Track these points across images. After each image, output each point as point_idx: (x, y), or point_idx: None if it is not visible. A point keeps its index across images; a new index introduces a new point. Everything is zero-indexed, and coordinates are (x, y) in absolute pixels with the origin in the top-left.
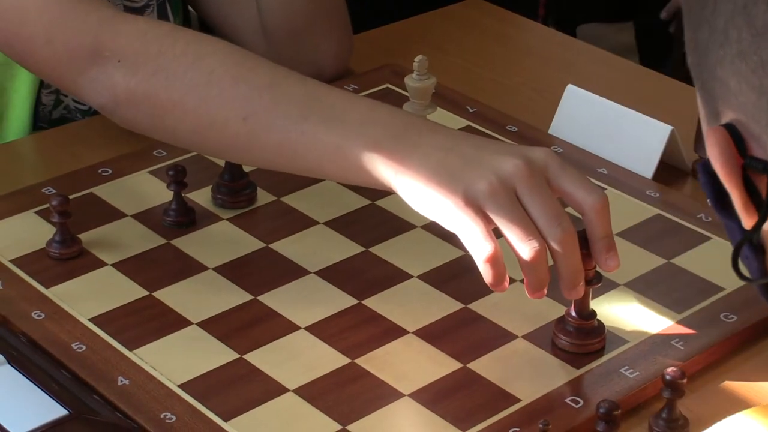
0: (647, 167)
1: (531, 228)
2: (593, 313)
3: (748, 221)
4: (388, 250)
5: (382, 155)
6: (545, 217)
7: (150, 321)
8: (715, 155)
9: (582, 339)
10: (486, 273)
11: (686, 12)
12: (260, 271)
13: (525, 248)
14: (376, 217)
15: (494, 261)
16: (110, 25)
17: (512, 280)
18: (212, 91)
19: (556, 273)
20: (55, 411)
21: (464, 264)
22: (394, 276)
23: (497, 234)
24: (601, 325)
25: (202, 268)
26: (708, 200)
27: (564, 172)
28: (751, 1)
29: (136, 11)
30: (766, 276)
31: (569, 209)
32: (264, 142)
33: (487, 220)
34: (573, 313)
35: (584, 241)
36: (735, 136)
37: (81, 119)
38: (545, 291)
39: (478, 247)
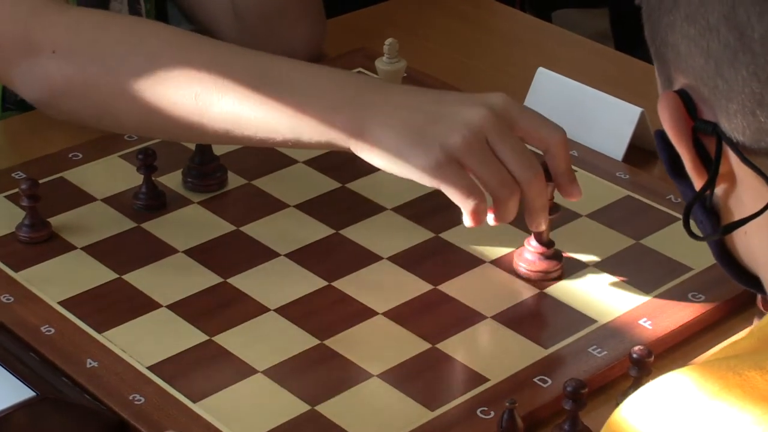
0: (617, 149)
1: (506, 174)
2: (552, 242)
3: (699, 183)
4: (358, 233)
5: (341, 118)
6: (518, 162)
7: (119, 304)
8: (666, 119)
9: (541, 265)
10: (470, 221)
11: None
12: (230, 254)
13: (503, 192)
14: (347, 200)
15: (480, 211)
16: (41, 16)
17: (481, 262)
18: (158, 74)
19: (526, 210)
20: (23, 393)
21: (434, 246)
22: (364, 258)
23: None
24: (558, 252)
25: (172, 251)
26: (665, 166)
27: (524, 113)
28: None
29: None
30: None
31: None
32: (216, 118)
33: (465, 172)
34: (533, 242)
35: (547, 173)
36: (686, 100)
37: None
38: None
39: (467, 201)
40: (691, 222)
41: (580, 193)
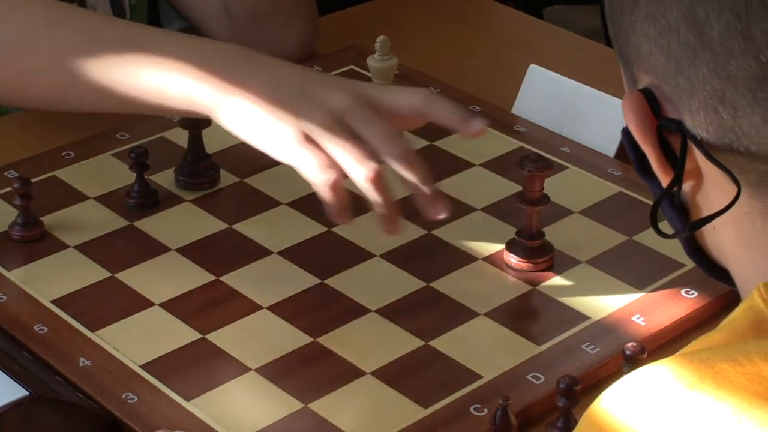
0: (609, 146)
1: (367, 151)
2: (542, 233)
3: (665, 180)
4: (350, 230)
5: (204, 88)
6: (382, 138)
7: (112, 302)
8: (631, 118)
9: (531, 257)
10: (328, 201)
11: None
12: (223, 252)
13: (362, 170)
14: None
15: (336, 188)
16: None
17: (474, 259)
18: (27, 42)
19: (415, 197)
20: (17, 392)
21: (426, 243)
22: (356, 255)
23: None
24: (548, 244)
25: (164, 249)
26: (634, 165)
27: (384, 92)
28: None
29: None
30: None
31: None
32: (86, 86)
33: (323, 151)
34: (523, 233)
35: (542, 163)
36: (650, 99)
37: None
38: (400, 226)
39: (319, 176)
40: (661, 220)
41: (483, 127)
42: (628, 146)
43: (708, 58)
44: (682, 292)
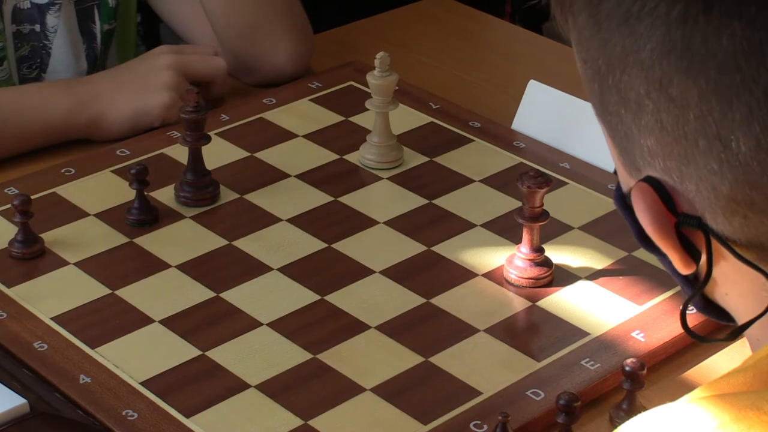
0: (609, 161)
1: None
2: (541, 249)
3: (685, 271)
4: (350, 246)
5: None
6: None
7: (112, 319)
8: (645, 216)
9: (530, 273)
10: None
11: (591, 73)
12: (223, 269)
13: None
14: (339, 214)
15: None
16: None
17: (473, 275)
18: None
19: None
20: (17, 409)
21: (426, 259)
22: (356, 272)
23: None
24: (548, 259)
25: (164, 266)
26: (633, 234)
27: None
28: (667, 80)
29: (41, 8)
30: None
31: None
32: None
33: None
34: (523, 249)
35: (543, 178)
36: (659, 190)
37: None
38: None
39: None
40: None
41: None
42: (626, 216)
43: (738, 173)
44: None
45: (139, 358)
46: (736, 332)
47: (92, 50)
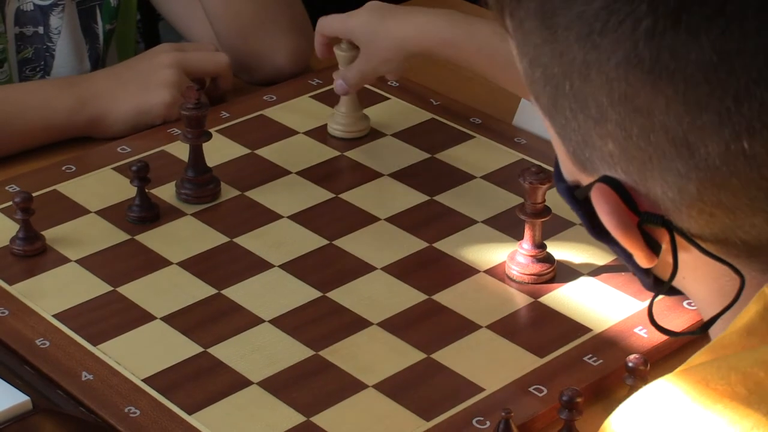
0: None
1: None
2: (543, 245)
3: (648, 265)
4: (351, 243)
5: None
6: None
7: (114, 316)
8: (606, 215)
9: (533, 268)
10: None
11: (540, 76)
12: (224, 265)
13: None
14: (340, 210)
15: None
16: None
17: (475, 271)
18: None
19: None
20: (19, 406)
21: (428, 256)
22: (357, 268)
23: None
24: (550, 255)
25: (166, 263)
26: (585, 227)
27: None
28: (632, 92)
29: (44, 9)
30: (662, 291)
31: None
32: None
33: None
34: (525, 245)
35: (543, 175)
36: (618, 190)
37: None
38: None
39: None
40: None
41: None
42: (577, 209)
43: (706, 176)
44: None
45: (141, 355)
46: (706, 325)
47: (95, 50)
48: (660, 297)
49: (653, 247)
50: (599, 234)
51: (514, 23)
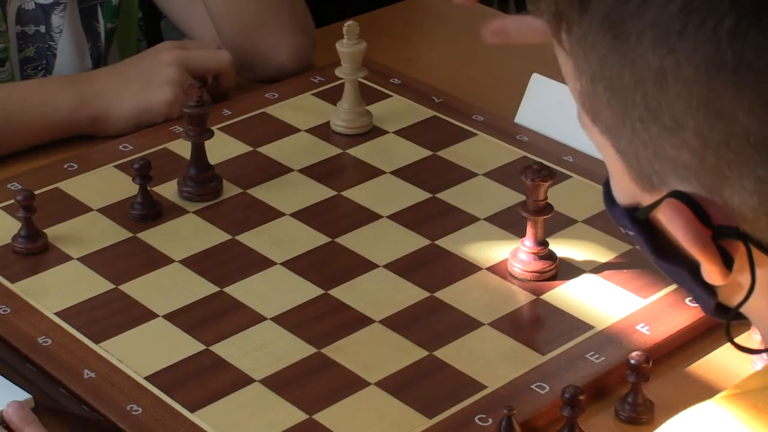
0: None
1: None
2: (545, 242)
3: (722, 281)
4: (354, 241)
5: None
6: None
7: (116, 314)
8: (679, 230)
9: (536, 265)
10: None
11: (603, 90)
12: (226, 263)
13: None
14: (342, 208)
15: None
16: None
17: (477, 268)
18: None
19: None
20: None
21: (430, 253)
22: (360, 266)
23: None
24: (552, 252)
25: (168, 260)
26: (645, 249)
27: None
28: (714, 96)
29: (45, 8)
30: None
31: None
32: None
33: None
34: (527, 242)
35: (546, 171)
36: (690, 204)
37: None
38: None
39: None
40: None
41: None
42: (637, 233)
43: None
44: (687, 300)
45: (143, 353)
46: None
47: (96, 49)
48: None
49: (727, 263)
50: (661, 256)
51: (573, 38)
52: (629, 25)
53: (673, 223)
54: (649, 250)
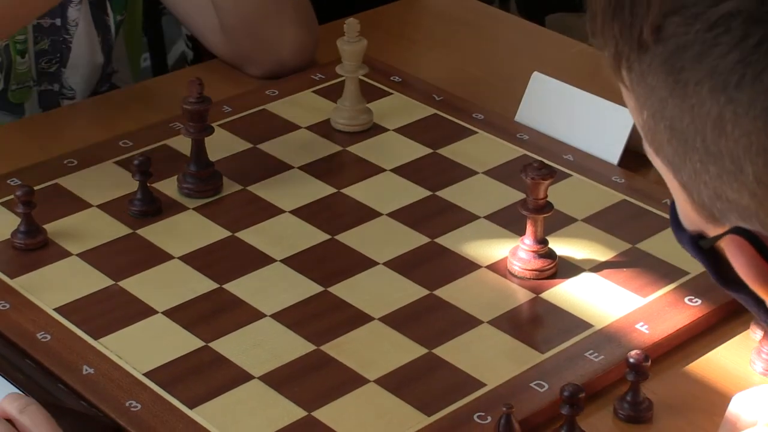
0: (613, 153)
1: None
2: (545, 241)
3: None
4: (353, 238)
5: None
6: None
7: (115, 310)
8: (747, 269)
9: (535, 263)
10: None
11: (665, 129)
12: (226, 260)
13: None
14: (342, 206)
15: None
16: None
17: (477, 266)
18: None
19: None
20: None
21: (429, 251)
22: (359, 263)
23: None
24: (552, 251)
25: (167, 257)
26: (711, 276)
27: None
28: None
29: (62, 2)
30: None
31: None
32: None
33: None
34: (527, 240)
35: (546, 169)
36: (753, 241)
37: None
38: None
39: None
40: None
41: None
42: (702, 260)
43: None
44: (686, 299)
45: (142, 349)
46: None
47: (107, 42)
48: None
49: None
50: (727, 283)
51: (633, 77)
52: (688, 72)
53: (735, 258)
54: (715, 278)
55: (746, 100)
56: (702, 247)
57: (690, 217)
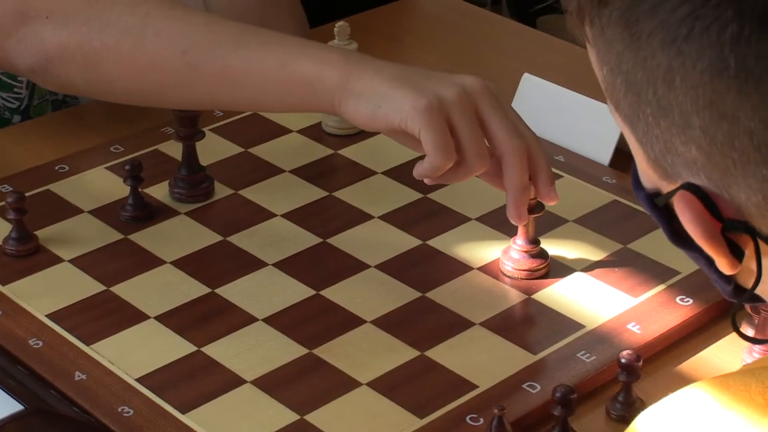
0: (604, 154)
1: (484, 146)
2: (537, 242)
3: (731, 272)
4: (345, 241)
5: (332, 67)
6: (507, 126)
7: (107, 316)
8: (690, 223)
9: (526, 266)
10: (429, 175)
11: (621, 82)
12: (218, 264)
13: (474, 163)
14: (334, 209)
15: (441, 170)
16: None
17: (469, 268)
18: (148, 32)
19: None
20: (12, 406)
21: (421, 253)
22: (351, 266)
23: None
24: (544, 251)
25: (159, 262)
26: (665, 233)
27: (495, 106)
28: (717, 97)
29: None
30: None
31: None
32: (204, 74)
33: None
34: (519, 240)
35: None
36: (701, 197)
37: (9, 116)
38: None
39: (439, 154)
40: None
41: (556, 199)
42: (657, 217)
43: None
44: (677, 299)
45: (134, 354)
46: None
47: None
48: (738, 304)
49: (736, 254)
50: (679, 240)
51: (594, 31)
52: (642, 24)
53: (683, 214)
54: (668, 236)
55: (694, 53)
56: (657, 204)
57: (647, 174)
